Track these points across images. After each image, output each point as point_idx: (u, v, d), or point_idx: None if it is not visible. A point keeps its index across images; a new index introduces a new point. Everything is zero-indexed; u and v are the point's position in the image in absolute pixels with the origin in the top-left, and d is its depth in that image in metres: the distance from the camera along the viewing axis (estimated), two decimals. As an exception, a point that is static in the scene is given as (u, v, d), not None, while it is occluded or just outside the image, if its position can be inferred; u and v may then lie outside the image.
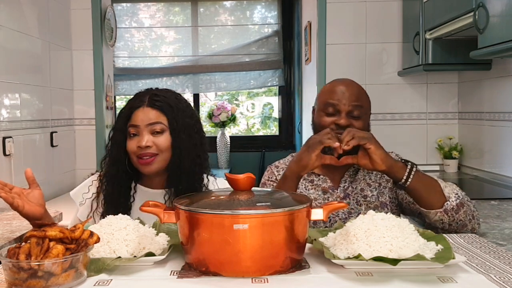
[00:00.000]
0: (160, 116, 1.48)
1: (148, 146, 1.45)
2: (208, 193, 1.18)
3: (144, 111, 1.48)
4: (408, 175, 1.40)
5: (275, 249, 1.01)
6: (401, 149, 2.08)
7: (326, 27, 3.29)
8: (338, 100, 1.55)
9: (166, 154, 1.48)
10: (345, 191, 1.61)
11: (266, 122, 5.13)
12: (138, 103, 1.49)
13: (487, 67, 2.78)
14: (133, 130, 1.48)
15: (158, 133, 1.47)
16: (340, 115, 1.55)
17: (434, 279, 0.98)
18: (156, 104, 1.48)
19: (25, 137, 2.65)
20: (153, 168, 1.48)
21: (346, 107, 1.55)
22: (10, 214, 2.12)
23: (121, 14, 4.68)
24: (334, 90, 1.58)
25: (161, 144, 1.47)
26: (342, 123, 1.53)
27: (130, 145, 1.48)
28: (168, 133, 1.48)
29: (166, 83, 4.76)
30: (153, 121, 1.47)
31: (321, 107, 1.59)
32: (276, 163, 1.73)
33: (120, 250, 1.08)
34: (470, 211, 1.44)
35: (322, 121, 1.57)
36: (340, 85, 1.59)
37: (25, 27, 2.69)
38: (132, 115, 1.49)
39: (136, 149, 1.46)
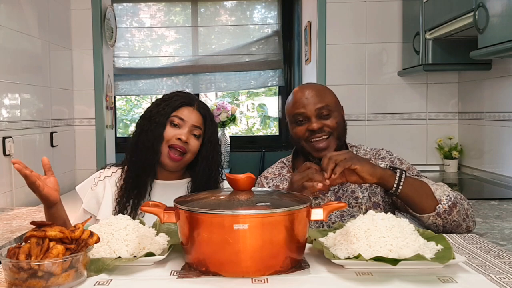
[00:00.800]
0: (202, 124, 1.58)
1: (186, 142, 1.53)
2: (208, 193, 1.18)
3: (193, 111, 1.57)
4: (398, 182, 1.40)
5: (275, 249, 1.01)
6: (401, 149, 2.09)
7: (326, 27, 3.29)
8: (303, 106, 1.57)
9: (191, 156, 1.56)
10: (335, 194, 1.61)
11: (266, 122, 5.13)
12: (188, 102, 1.58)
13: (487, 67, 2.78)
14: (177, 121, 1.55)
15: (196, 136, 1.56)
16: (310, 120, 1.56)
17: (434, 279, 0.98)
18: (202, 111, 1.59)
19: (25, 137, 2.65)
20: (177, 165, 1.55)
21: (312, 111, 1.56)
22: (10, 214, 2.12)
23: (121, 14, 4.68)
24: (296, 100, 1.60)
25: (194, 147, 1.55)
26: (314, 127, 1.55)
27: (169, 132, 1.54)
28: (201, 140, 1.58)
29: (166, 83, 4.76)
30: (198, 124, 1.56)
31: (291, 119, 1.62)
32: (265, 173, 1.72)
33: (120, 250, 1.08)
34: (463, 210, 1.43)
35: (296, 132, 1.60)
36: (300, 92, 1.61)
37: (25, 27, 2.69)
38: (181, 108, 1.56)
39: (174, 139, 1.52)
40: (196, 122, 1.56)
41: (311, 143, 1.57)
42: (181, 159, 1.54)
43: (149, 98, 5.14)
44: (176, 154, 1.53)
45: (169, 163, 1.54)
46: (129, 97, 5.09)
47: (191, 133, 1.55)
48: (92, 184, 1.62)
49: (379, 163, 1.62)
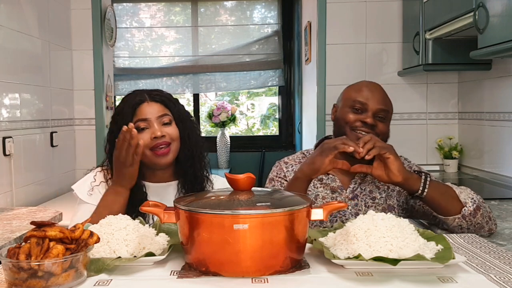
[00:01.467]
0: (165, 109, 1.54)
1: (163, 136, 1.49)
2: (208, 193, 1.18)
3: (149, 105, 1.53)
4: (424, 185, 1.41)
5: (275, 249, 1.01)
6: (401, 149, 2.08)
7: (326, 27, 3.29)
8: (367, 99, 1.56)
9: (177, 143, 1.53)
10: (353, 192, 1.61)
11: (266, 122, 5.13)
12: (140, 99, 1.54)
13: (487, 67, 2.78)
14: (143, 124, 1.51)
15: (167, 124, 1.53)
16: (367, 113, 1.55)
17: (434, 279, 0.98)
18: (158, 98, 1.54)
19: (25, 137, 2.65)
20: (169, 158, 1.52)
21: (374, 107, 1.55)
22: (10, 214, 2.12)
23: (121, 14, 4.68)
24: (363, 89, 1.59)
25: (173, 133, 1.52)
26: (368, 121, 1.54)
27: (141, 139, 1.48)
28: (174, 124, 1.54)
29: (166, 83, 4.76)
30: (162, 113, 1.52)
31: (348, 103, 1.59)
32: (285, 159, 1.73)
33: (120, 250, 1.08)
34: (486, 213, 1.45)
35: (348, 117, 1.57)
36: (369, 85, 1.61)
37: (25, 27, 2.69)
38: (137, 110, 1.52)
39: (151, 141, 1.49)
40: (158, 112, 1.52)
41: (355, 132, 1.56)
42: (169, 150, 1.51)
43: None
44: (162, 148, 1.50)
45: (160, 161, 1.51)
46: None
47: (162, 124, 1.51)
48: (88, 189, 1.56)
49: None
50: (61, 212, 2.18)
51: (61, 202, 2.77)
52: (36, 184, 2.75)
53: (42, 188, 2.82)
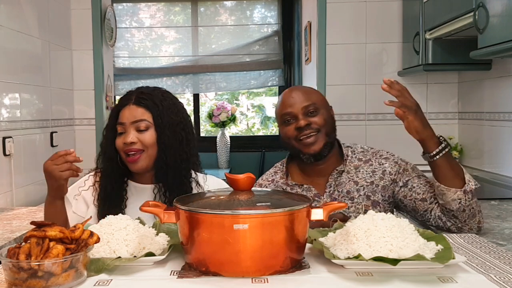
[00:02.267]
0: (145, 114, 1.51)
1: (133, 143, 1.49)
2: (208, 193, 1.18)
3: (130, 109, 1.52)
4: (438, 152, 1.45)
5: (275, 249, 1.01)
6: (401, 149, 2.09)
7: (326, 27, 3.29)
8: (290, 106, 1.61)
9: (152, 150, 1.51)
10: (331, 196, 1.61)
11: (266, 122, 5.13)
12: (125, 102, 1.54)
13: (487, 67, 2.78)
14: (120, 128, 1.52)
15: (143, 130, 1.51)
16: (297, 118, 1.59)
17: (434, 279, 0.98)
18: (142, 102, 1.52)
19: (25, 137, 2.65)
20: (139, 165, 1.51)
21: (299, 110, 1.59)
22: (10, 214, 2.12)
23: (121, 14, 4.68)
24: (284, 101, 1.64)
25: (146, 140, 1.50)
26: (301, 124, 1.58)
27: (117, 142, 1.52)
28: (153, 130, 1.51)
29: (166, 83, 4.76)
30: (138, 118, 1.50)
31: (280, 120, 1.65)
32: (260, 181, 1.73)
33: (120, 250, 1.08)
34: (478, 203, 1.49)
35: (286, 132, 1.63)
36: (286, 94, 1.66)
37: (25, 27, 2.69)
38: (120, 113, 1.53)
39: (122, 146, 1.50)
40: (136, 116, 1.50)
41: (300, 141, 1.59)
42: (139, 157, 1.49)
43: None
44: (132, 155, 1.50)
45: (134, 167, 1.51)
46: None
47: (137, 130, 1.50)
48: (80, 186, 1.61)
49: (383, 163, 1.63)
50: (61, 212, 2.17)
51: (61, 202, 2.77)
52: (36, 184, 2.75)
53: (42, 188, 2.81)
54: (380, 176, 1.61)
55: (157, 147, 1.51)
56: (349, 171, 1.63)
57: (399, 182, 1.60)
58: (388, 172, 1.61)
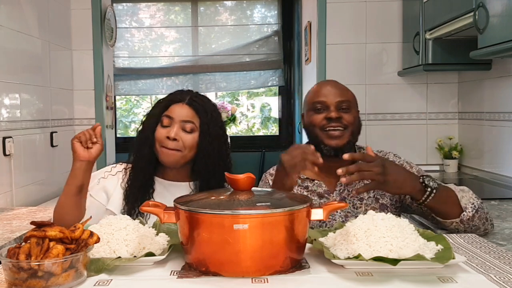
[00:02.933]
0: (195, 117, 1.54)
1: (175, 139, 1.50)
2: (208, 193, 1.18)
3: (182, 107, 1.54)
4: (426, 198, 1.40)
5: (275, 249, 1.01)
6: (401, 149, 2.09)
7: (326, 27, 3.29)
8: (325, 96, 1.60)
9: (188, 152, 1.53)
10: (340, 194, 1.61)
11: (267, 123, 5.12)
12: (179, 98, 1.57)
13: (487, 67, 2.78)
14: (166, 121, 1.53)
15: (188, 132, 1.53)
16: (329, 109, 1.59)
17: (434, 279, 0.98)
18: (194, 105, 1.55)
19: (25, 137, 2.65)
20: (171, 159, 1.52)
21: (333, 102, 1.59)
22: (10, 214, 2.12)
23: (121, 14, 4.68)
24: (319, 89, 1.64)
25: (187, 142, 1.52)
26: (332, 115, 1.57)
27: (159, 132, 1.53)
28: (197, 134, 1.54)
29: (166, 83, 4.76)
30: (187, 119, 1.53)
31: (310, 106, 1.63)
32: (271, 171, 1.73)
33: (120, 250, 1.08)
34: (483, 215, 1.45)
35: (313, 119, 1.61)
36: (324, 84, 1.67)
37: (25, 27, 2.69)
38: (170, 107, 1.55)
39: (163, 139, 1.51)
40: (185, 117, 1.53)
41: (326, 131, 1.58)
42: (175, 154, 1.51)
43: (149, 98, 5.14)
44: (169, 149, 1.51)
45: (165, 160, 1.53)
46: (129, 97, 5.09)
47: (182, 129, 1.52)
48: (101, 176, 1.60)
49: None
50: (61, 212, 2.17)
51: (61, 202, 2.77)
52: (36, 184, 2.75)
53: (42, 188, 2.82)
54: None
55: (195, 151, 1.54)
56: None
57: None
58: None
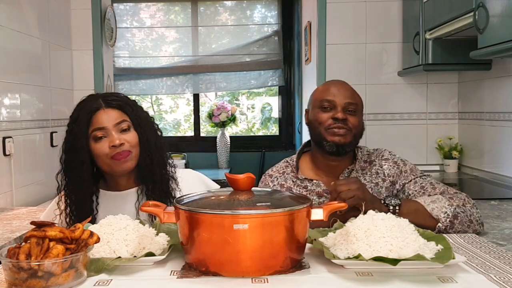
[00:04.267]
0: (122, 115, 1.48)
1: (122, 144, 1.44)
2: (208, 193, 1.18)
3: (106, 112, 1.46)
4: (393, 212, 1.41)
5: (275, 249, 1.01)
6: (401, 149, 2.09)
7: (326, 27, 3.29)
8: (334, 96, 1.61)
9: (136, 150, 1.48)
10: None
11: (267, 123, 5.12)
12: (95, 106, 1.46)
13: (487, 67, 2.78)
14: (100, 133, 1.44)
15: (126, 130, 1.47)
16: (336, 109, 1.59)
17: (434, 279, 0.98)
18: (114, 104, 1.48)
19: (25, 137, 2.65)
20: (129, 164, 1.46)
21: (342, 102, 1.60)
22: (10, 214, 2.12)
23: (121, 13, 4.68)
24: (329, 88, 1.64)
25: (132, 140, 1.46)
26: (339, 116, 1.57)
27: (100, 148, 1.44)
28: (133, 130, 1.48)
29: (166, 83, 4.76)
30: (119, 119, 1.46)
31: (317, 104, 1.63)
32: (270, 171, 1.73)
33: (120, 250, 1.08)
34: (466, 218, 1.44)
35: (319, 117, 1.61)
36: (334, 84, 1.67)
37: (25, 27, 2.69)
38: (93, 119, 1.45)
39: (110, 150, 1.43)
40: (115, 119, 1.45)
41: (330, 130, 1.58)
42: (128, 155, 1.44)
43: (149, 98, 5.14)
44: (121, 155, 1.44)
45: (122, 166, 1.45)
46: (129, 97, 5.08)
47: (120, 131, 1.45)
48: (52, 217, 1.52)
49: (383, 164, 1.64)
50: (61, 212, 2.17)
51: (61, 202, 2.77)
52: (36, 184, 2.75)
53: (42, 188, 2.82)
54: (382, 178, 1.62)
55: (139, 147, 1.48)
56: (358, 171, 1.64)
57: (396, 185, 1.60)
58: (387, 174, 1.62)
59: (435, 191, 1.54)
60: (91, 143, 1.45)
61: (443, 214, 1.42)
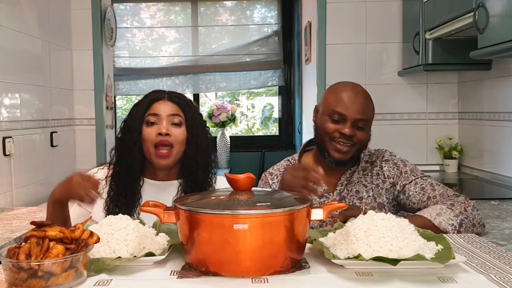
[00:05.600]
0: (179, 110, 1.56)
1: (167, 134, 1.50)
2: (208, 193, 1.18)
3: (165, 103, 1.56)
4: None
5: (275, 249, 1.01)
6: (401, 149, 2.09)
7: (326, 27, 3.29)
8: (345, 109, 1.55)
9: (180, 147, 1.54)
10: (340, 194, 1.62)
11: (267, 123, 5.12)
12: (158, 96, 1.57)
13: (487, 67, 2.78)
14: (153, 119, 1.53)
15: (176, 125, 1.54)
16: (345, 123, 1.55)
17: (434, 279, 0.98)
18: (176, 100, 1.57)
19: (25, 137, 2.65)
20: (169, 161, 1.53)
21: (352, 117, 1.55)
22: (10, 214, 2.12)
23: (122, 13, 4.68)
24: (342, 98, 1.57)
25: (178, 136, 1.53)
26: (346, 132, 1.54)
27: (148, 133, 1.52)
28: (184, 128, 1.55)
29: (166, 83, 4.76)
30: (174, 112, 1.55)
31: (327, 111, 1.59)
32: (271, 170, 1.72)
33: (120, 250, 1.08)
34: (469, 223, 1.44)
35: (327, 127, 1.58)
36: (349, 92, 1.59)
37: (25, 27, 2.69)
38: (152, 106, 1.55)
39: (155, 137, 1.51)
40: (171, 111, 1.54)
41: (334, 142, 1.57)
42: (170, 153, 1.52)
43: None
44: (164, 150, 1.51)
45: (160, 162, 1.52)
46: (129, 97, 5.09)
47: (171, 123, 1.53)
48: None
49: (383, 165, 1.64)
50: (61, 212, 2.17)
51: (61, 202, 2.77)
52: (36, 184, 2.75)
53: (42, 188, 2.82)
54: (382, 179, 1.62)
55: (185, 145, 1.54)
56: (360, 172, 1.64)
57: (397, 186, 1.61)
58: (387, 176, 1.62)
59: (435, 193, 1.54)
60: (143, 126, 1.54)
61: (450, 226, 1.42)
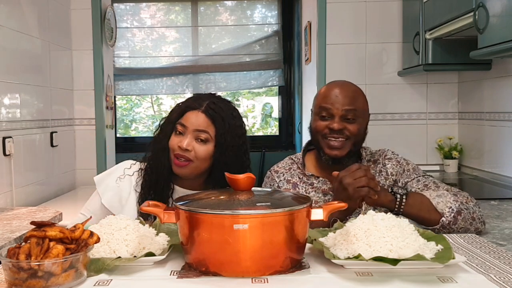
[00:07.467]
0: (210, 126, 1.48)
1: (187, 150, 1.46)
2: (208, 193, 1.18)
3: (197, 115, 1.49)
4: (399, 205, 1.42)
5: (275, 249, 1.01)
6: (401, 149, 2.08)
7: (326, 27, 3.29)
8: (331, 104, 1.56)
9: (201, 163, 1.49)
10: None
11: (267, 121, 5.12)
12: (195, 105, 1.51)
13: (487, 67, 2.78)
14: (180, 128, 1.49)
15: (202, 141, 1.48)
16: (333, 119, 1.56)
17: (434, 279, 0.98)
18: (210, 113, 1.48)
19: (25, 137, 2.65)
20: (184, 171, 1.49)
21: (339, 111, 1.55)
22: (10, 214, 2.12)
23: (122, 13, 4.68)
24: (328, 94, 1.59)
25: (200, 153, 1.47)
26: (334, 127, 1.55)
27: (173, 140, 1.50)
28: (212, 145, 1.48)
29: (166, 83, 4.76)
30: (201, 128, 1.47)
31: (316, 110, 1.61)
32: (276, 167, 1.72)
33: (120, 250, 1.08)
34: (469, 215, 1.44)
35: (317, 126, 1.59)
36: (335, 88, 1.60)
37: (25, 27, 2.69)
38: (185, 114, 1.50)
39: (176, 147, 1.48)
40: (200, 126, 1.47)
41: (326, 140, 1.57)
42: (186, 165, 1.47)
43: (149, 98, 5.14)
44: (181, 160, 1.47)
45: (177, 170, 1.49)
46: (129, 96, 5.09)
47: (196, 138, 1.47)
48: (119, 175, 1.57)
49: (386, 163, 1.64)
50: (61, 212, 2.18)
51: (61, 202, 2.77)
52: (36, 184, 2.75)
53: (42, 188, 2.82)
54: (384, 176, 1.62)
55: (210, 162, 1.49)
56: None
57: (399, 183, 1.60)
58: (390, 173, 1.62)
59: (439, 190, 1.54)
60: (172, 132, 1.51)
61: (448, 208, 1.42)
